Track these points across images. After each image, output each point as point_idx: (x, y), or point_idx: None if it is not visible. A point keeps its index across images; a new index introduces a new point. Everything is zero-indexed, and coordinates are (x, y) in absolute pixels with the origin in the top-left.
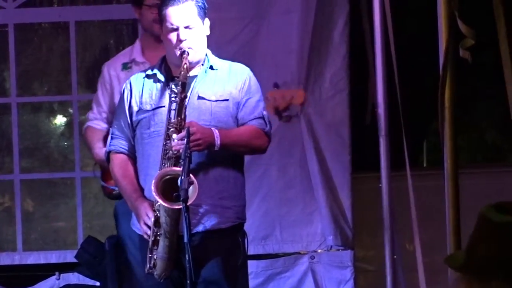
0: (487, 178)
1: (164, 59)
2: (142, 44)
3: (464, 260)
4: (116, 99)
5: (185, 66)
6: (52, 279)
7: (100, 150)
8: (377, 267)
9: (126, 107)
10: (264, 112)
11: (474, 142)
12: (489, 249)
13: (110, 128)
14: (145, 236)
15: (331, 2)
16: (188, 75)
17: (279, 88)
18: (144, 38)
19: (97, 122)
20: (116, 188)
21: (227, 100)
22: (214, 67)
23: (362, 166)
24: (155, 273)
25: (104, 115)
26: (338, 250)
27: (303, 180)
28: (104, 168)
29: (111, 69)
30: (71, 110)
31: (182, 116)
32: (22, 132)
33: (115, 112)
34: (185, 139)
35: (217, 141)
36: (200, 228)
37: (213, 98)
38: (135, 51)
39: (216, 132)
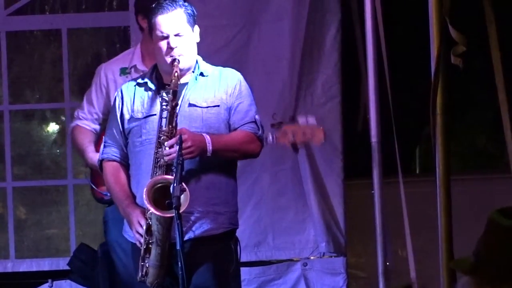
0: (478, 184)
1: (155, 67)
2: (143, 50)
3: (472, 264)
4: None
5: (176, 74)
6: (44, 287)
7: (93, 154)
8: (369, 274)
9: (118, 115)
10: (256, 116)
11: (465, 149)
12: (499, 253)
13: (103, 137)
14: (138, 244)
15: (323, 9)
16: (179, 82)
17: (275, 118)
18: (147, 45)
19: (86, 123)
20: (108, 194)
21: (218, 106)
22: (204, 74)
23: (354, 172)
24: (147, 281)
25: (95, 116)
26: (331, 257)
27: (295, 187)
28: (96, 172)
29: (109, 72)
30: (63, 118)
31: (173, 124)
32: (15, 139)
33: (108, 120)
34: (177, 147)
35: (209, 147)
36: (192, 235)
37: (204, 105)
38: (135, 57)
39: (207, 137)
